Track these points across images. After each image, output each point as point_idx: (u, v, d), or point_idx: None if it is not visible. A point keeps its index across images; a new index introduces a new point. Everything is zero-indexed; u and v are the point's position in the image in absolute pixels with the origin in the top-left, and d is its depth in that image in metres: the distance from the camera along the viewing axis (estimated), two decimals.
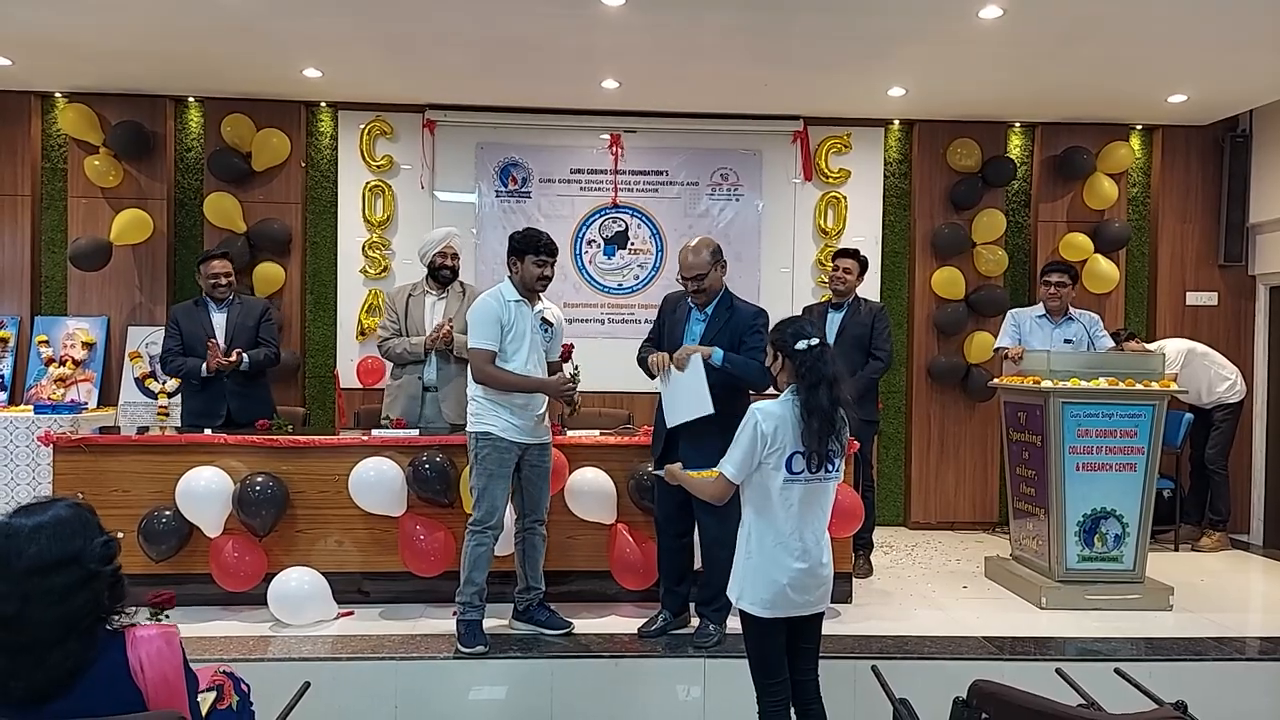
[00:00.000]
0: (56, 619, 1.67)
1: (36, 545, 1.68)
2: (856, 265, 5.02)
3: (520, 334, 3.73)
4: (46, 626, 1.67)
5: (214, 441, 4.29)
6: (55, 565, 1.68)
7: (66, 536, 1.72)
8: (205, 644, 3.66)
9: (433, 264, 4.83)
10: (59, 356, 6.00)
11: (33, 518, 1.73)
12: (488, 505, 3.71)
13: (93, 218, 6.06)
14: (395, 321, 4.86)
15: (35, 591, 1.66)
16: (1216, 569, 5.50)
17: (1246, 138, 6.43)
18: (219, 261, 4.88)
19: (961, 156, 6.36)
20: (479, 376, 3.69)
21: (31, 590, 1.66)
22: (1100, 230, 6.40)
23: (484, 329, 3.69)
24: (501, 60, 5.36)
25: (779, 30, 4.80)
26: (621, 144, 6.40)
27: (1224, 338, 6.39)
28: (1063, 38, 4.85)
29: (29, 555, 1.67)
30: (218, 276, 4.84)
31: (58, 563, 1.69)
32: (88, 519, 1.78)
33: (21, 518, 1.73)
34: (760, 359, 3.31)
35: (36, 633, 1.66)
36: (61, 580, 1.68)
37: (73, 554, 1.70)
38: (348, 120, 6.33)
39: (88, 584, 1.71)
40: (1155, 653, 3.89)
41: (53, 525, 1.72)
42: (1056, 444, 4.49)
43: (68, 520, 1.74)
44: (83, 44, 5.18)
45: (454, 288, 4.91)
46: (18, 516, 1.74)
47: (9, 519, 1.74)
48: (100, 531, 1.78)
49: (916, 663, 3.70)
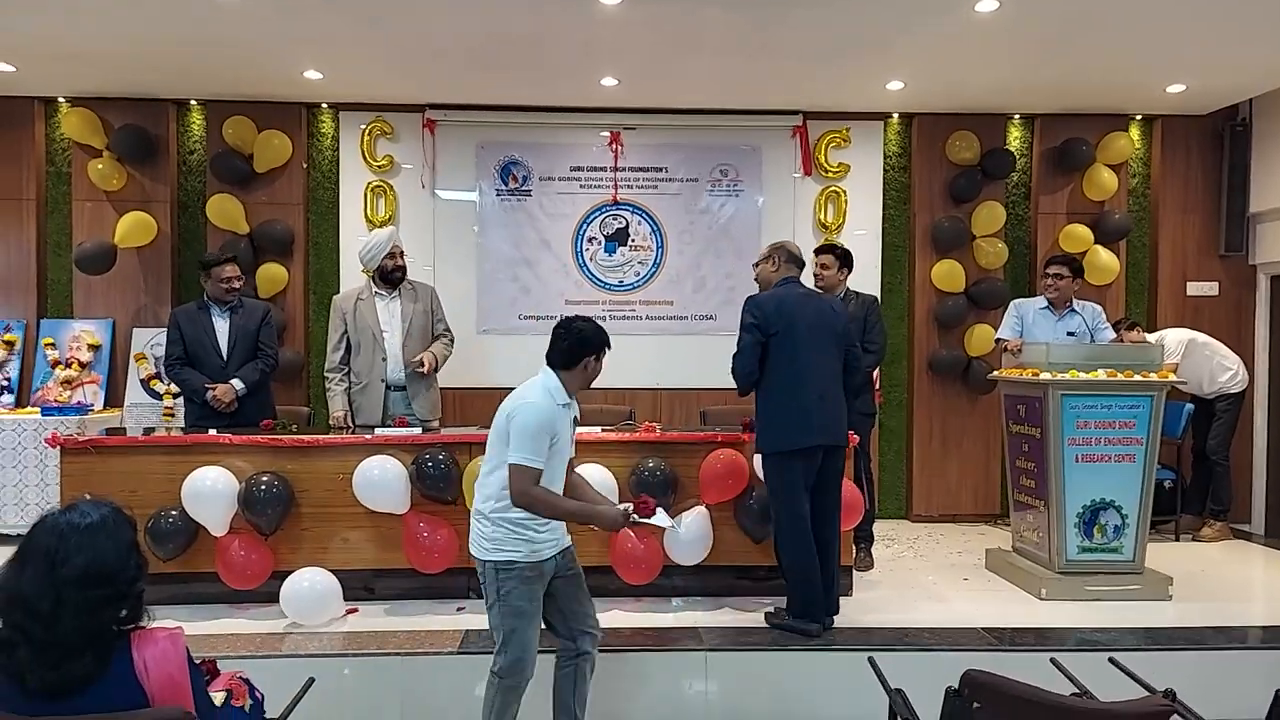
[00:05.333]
0: (81, 628, 1.73)
1: (83, 555, 1.74)
2: (835, 260, 4.99)
3: (563, 441, 3.09)
4: (72, 633, 1.73)
5: (219, 441, 4.33)
6: (95, 579, 1.74)
7: (109, 551, 1.78)
8: (211, 642, 3.70)
9: (383, 267, 4.89)
10: (65, 359, 6.05)
11: (84, 520, 1.78)
12: (516, 651, 2.98)
13: (97, 221, 6.11)
14: (343, 331, 4.94)
15: (70, 598, 1.72)
16: (1217, 559, 5.51)
17: (1246, 127, 6.43)
18: (230, 266, 4.93)
19: (961, 149, 6.37)
20: (522, 500, 2.92)
21: (67, 596, 1.72)
22: (1100, 221, 6.40)
23: (537, 442, 2.93)
24: (500, 59, 5.39)
25: (776, 24, 4.82)
26: (621, 141, 6.43)
27: (1225, 327, 6.39)
28: (1059, 30, 4.85)
29: (75, 563, 1.73)
30: (230, 280, 4.89)
31: (97, 577, 1.75)
32: (130, 536, 1.85)
33: (73, 517, 1.79)
34: None
35: (61, 636, 1.72)
36: (95, 594, 1.74)
37: (111, 572, 1.77)
38: (349, 121, 6.37)
39: (116, 601, 1.78)
40: (1154, 642, 3.91)
41: (99, 535, 1.78)
42: (1056, 436, 4.51)
43: (114, 533, 1.81)
44: (85, 49, 5.22)
45: (404, 287, 4.98)
46: (68, 515, 1.79)
47: (60, 517, 1.79)
48: (137, 551, 1.85)
49: (916, 654, 3.73)
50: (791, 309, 3.93)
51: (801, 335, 3.90)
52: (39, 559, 1.75)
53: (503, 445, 2.97)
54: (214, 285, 4.90)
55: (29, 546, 1.78)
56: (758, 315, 3.92)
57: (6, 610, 1.75)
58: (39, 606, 1.71)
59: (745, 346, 3.93)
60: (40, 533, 1.78)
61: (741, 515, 4.36)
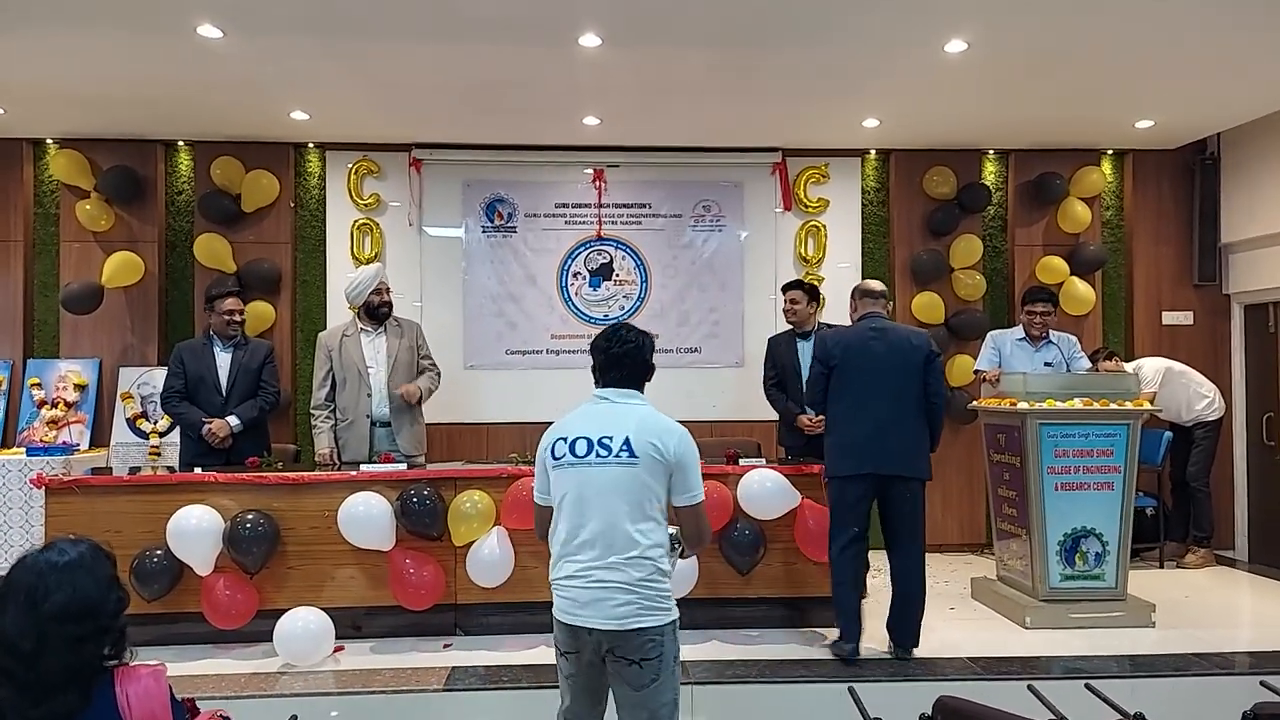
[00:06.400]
0: (64, 666, 1.73)
1: (63, 592, 1.75)
2: (804, 295, 5.19)
3: None
4: (54, 671, 1.73)
5: (204, 480, 4.34)
6: (76, 615, 1.75)
7: (89, 586, 1.78)
8: (196, 682, 3.69)
9: (369, 303, 4.95)
10: (51, 399, 6.05)
11: (62, 558, 1.79)
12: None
13: (85, 261, 6.15)
14: (328, 368, 4.98)
15: (52, 635, 1.72)
16: (1201, 585, 5.56)
17: (1215, 160, 6.59)
18: (232, 299, 4.98)
19: (937, 184, 6.50)
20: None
21: (49, 633, 1.72)
22: (1076, 253, 6.53)
23: None
24: (485, 100, 5.49)
25: (752, 66, 4.94)
26: (605, 178, 6.53)
27: (1201, 356, 6.50)
28: (1028, 69, 4.99)
29: (56, 600, 1.74)
30: (232, 313, 4.94)
31: (79, 613, 1.75)
32: (109, 570, 1.85)
33: (51, 555, 1.80)
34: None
35: (44, 674, 1.72)
36: (77, 630, 1.74)
37: (91, 606, 1.77)
38: (335, 160, 6.46)
39: (98, 636, 1.78)
40: (1136, 669, 3.95)
41: (79, 572, 1.78)
42: (1035, 464, 4.57)
43: (92, 569, 1.81)
44: (74, 91, 5.30)
45: (390, 324, 5.04)
46: (46, 554, 1.81)
47: (39, 555, 1.81)
48: (118, 585, 1.85)
49: (898, 684, 3.75)
50: (854, 345, 4.20)
51: (862, 369, 4.13)
52: (19, 598, 1.75)
53: (662, 482, 2.56)
54: (216, 318, 4.95)
55: (9, 586, 1.78)
56: (821, 350, 4.29)
57: None
58: (21, 646, 1.71)
59: (812, 379, 4.35)
60: (19, 572, 1.79)
61: (727, 548, 4.38)
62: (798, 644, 4.27)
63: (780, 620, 4.49)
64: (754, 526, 4.38)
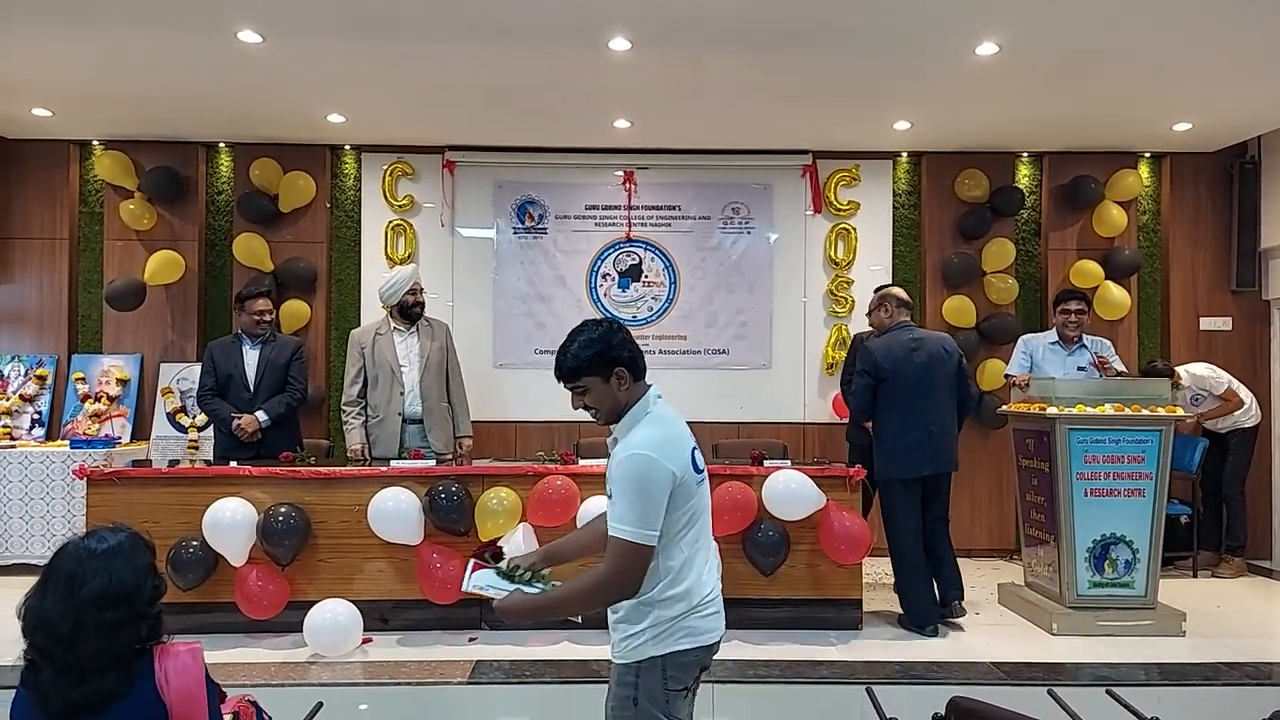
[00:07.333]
0: (102, 649, 1.81)
1: (100, 578, 1.82)
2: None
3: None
4: (92, 655, 1.80)
5: (239, 473, 4.45)
6: (112, 600, 1.82)
7: (126, 573, 1.85)
8: (228, 670, 3.77)
9: (404, 303, 5.02)
10: (94, 393, 6.22)
11: (101, 545, 1.87)
12: None
13: (128, 259, 6.32)
14: (360, 365, 5.07)
15: (89, 620, 1.79)
16: (1234, 595, 5.46)
17: (1255, 164, 6.47)
18: (262, 300, 5.11)
19: (970, 187, 6.45)
20: (620, 584, 2.12)
21: (86, 618, 1.79)
22: (1110, 257, 6.44)
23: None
24: (517, 103, 5.56)
25: (780, 69, 4.95)
26: (635, 180, 6.57)
27: (1239, 362, 6.38)
28: (1061, 71, 4.95)
29: (93, 586, 1.81)
30: (260, 314, 5.06)
31: (115, 598, 1.82)
32: (147, 559, 1.93)
33: (91, 543, 1.87)
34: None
35: (82, 657, 1.79)
36: (114, 615, 1.81)
37: (128, 593, 1.84)
38: (370, 162, 6.57)
39: (135, 622, 1.84)
40: (1164, 678, 3.90)
41: (117, 559, 1.86)
42: (1064, 470, 4.53)
43: (130, 556, 1.88)
44: (119, 95, 5.45)
45: (421, 324, 5.12)
46: (88, 541, 1.88)
47: (79, 542, 1.88)
48: (154, 573, 1.92)
49: (919, 687, 3.74)
50: (900, 357, 4.57)
51: (910, 379, 4.54)
52: (60, 583, 1.83)
53: None
54: (245, 318, 5.09)
55: (51, 571, 1.86)
56: (869, 363, 4.61)
57: (32, 633, 1.83)
58: (60, 629, 1.79)
59: (859, 390, 4.66)
60: (61, 558, 1.87)
61: (751, 548, 4.40)
62: (819, 645, 4.27)
63: (802, 622, 4.49)
64: (778, 527, 4.39)
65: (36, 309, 6.37)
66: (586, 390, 2.23)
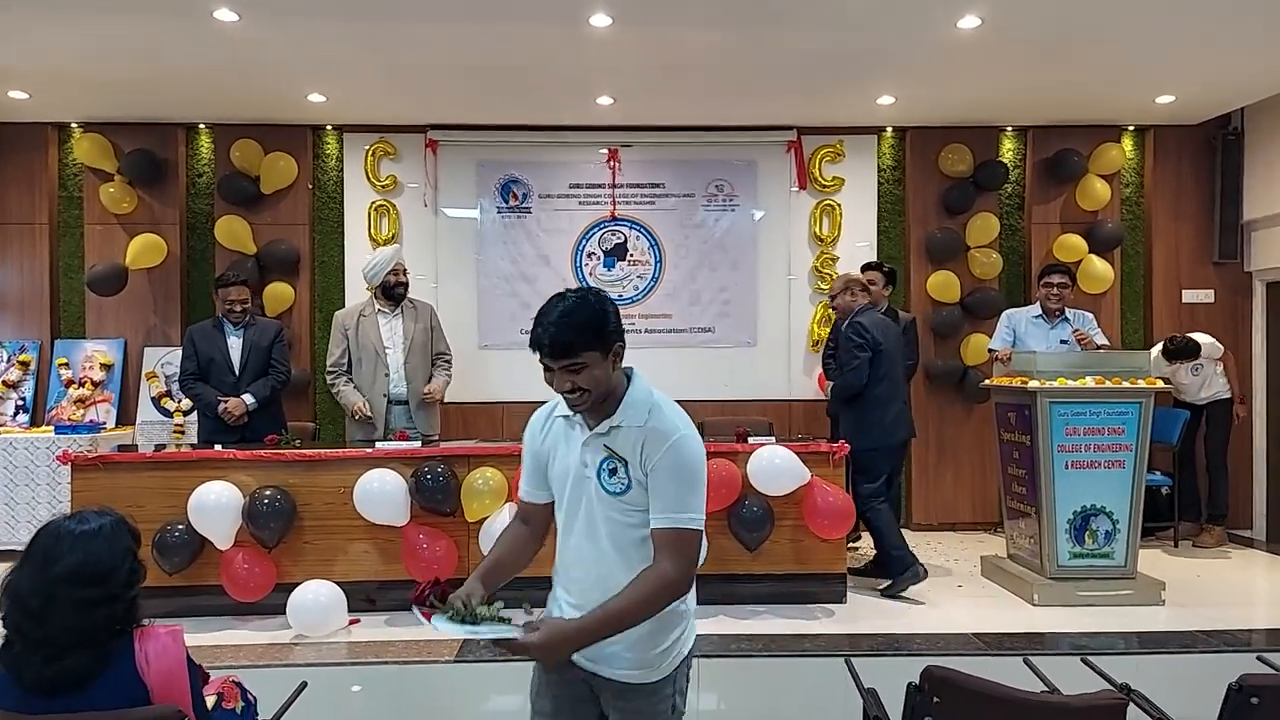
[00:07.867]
0: (73, 626, 1.81)
1: (74, 556, 1.82)
2: (882, 277, 5.56)
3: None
4: (63, 631, 1.80)
5: (224, 457, 4.45)
6: (86, 579, 1.82)
7: (103, 553, 1.85)
8: (214, 652, 3.79)
9: (386, 283, 5.02)
10: (78, 378, 6.20)
11: (82, 526, 1.87)
12: None
13: (108, 243, 6.27)
14: (344, 346, 5.07)
15: (60, 596, 1.80)
16: (1215, 565, 5.53)
17: (1238, 135, 6.48)
18: (236, 288, 5.08)
19: (954, 161, 6.45)
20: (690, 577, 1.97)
21: (59, 594, 1.80)
22: (1094, 231, 6.46)
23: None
24: (499, 81, 5.52)
25: (763, 45, 4.93)
26: (619, 158, 6.55)
27: (1222, 334, 6.39)
28: (1044, 44, 4.94)
29: (65, 562, 1.81)
30: (233, 303, 5.05)
31: (89, 578, 1.82)
32: (127, 543, 1.93)
33: (72, 523, 1.88)
34: None
35: (53, 633, 1.80)
36: (85, 594, 1.81)
37: (102, 573, 1.84)
38: (352, 142, 6.52)
39: (108, 603, 1.84)
40: (1143, 646, 3.96)
41: (95, 540, 1.86)
42: (1045, 443, 4.57)
43: (110, 539, 1.88)
44: (95, 76, 5.39)
45: (405, 305, 5.12)
46: (69, 521, 1.89)
47: (61, 521, 1.89)
48: (134, 558, 1.92)
49: (900, 659, 3.79)
50: (884, 331, 4.89)
51: (890, 353, 4.87)
52: (36, 559, 1.84)
53: None
54: (221, 304, 5.08)
55: (30, 548, 1.87)
56: (867, 336, 4.81)
57: (8, 609, 1.84)
58: (30, 604, 1.79)
59: (861, 364, 4.81)
60: (41, 535, 1.88)
61: (736, 524, 4.43)
62: (802, 619, 4.31)
63: (787, 596, 4.53)
64: (762, 503, 4.42)
65: (18, 294, 6.33)
66: (583, 368, 1.88)
